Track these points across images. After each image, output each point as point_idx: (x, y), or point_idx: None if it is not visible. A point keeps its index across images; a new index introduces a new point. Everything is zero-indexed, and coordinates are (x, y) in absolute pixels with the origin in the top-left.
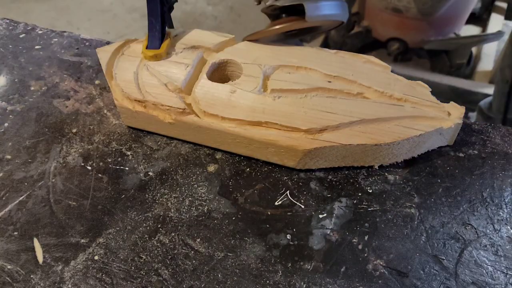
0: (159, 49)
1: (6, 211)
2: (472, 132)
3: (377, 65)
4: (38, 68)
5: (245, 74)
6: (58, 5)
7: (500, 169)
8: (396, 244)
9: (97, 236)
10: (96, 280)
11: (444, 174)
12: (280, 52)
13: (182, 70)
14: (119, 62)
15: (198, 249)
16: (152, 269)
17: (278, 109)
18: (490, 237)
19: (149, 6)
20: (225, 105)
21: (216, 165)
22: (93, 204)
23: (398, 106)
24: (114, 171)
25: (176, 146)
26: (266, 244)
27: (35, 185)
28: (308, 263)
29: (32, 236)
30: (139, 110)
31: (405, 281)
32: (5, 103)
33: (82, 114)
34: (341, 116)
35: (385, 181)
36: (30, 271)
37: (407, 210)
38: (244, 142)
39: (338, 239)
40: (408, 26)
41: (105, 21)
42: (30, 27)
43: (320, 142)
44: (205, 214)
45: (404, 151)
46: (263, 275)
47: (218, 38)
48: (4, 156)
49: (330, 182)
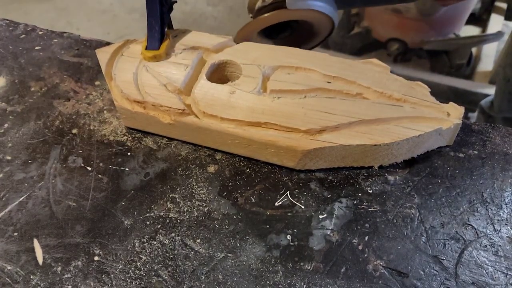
0: (158, 50)
1: (6, 212)
2: (472, 132)
3: (377, 65)
4: (38, 69)
5: (245, 75)
6: (58, 5)
7: (500, 170)
8: (396, 244)
9: (97, 237)
10: (96, 281)
11: (444, 174)
12: (280, 52)
13: (182, 71)
14: (118, 63)
15: (198, 249)
16: (152, 270)
17: (277, 110)
18: (490, 238)
19: (149, 6)
20: (224, 105)
21: (216, 165)
22: (93, 204)
23: (397, 106)
24: (114, 172)
25: (176, 147)
26: (266, 244)
27: (35, 186)
28: (308, 263)
29: (32, 237)
30: (139, 111)
31: (405, 281)
32: (5, 104)
33: (82, 115)
34: (341, 117)
35: (385, 181)
36: (30, 272)
37: (407, 211)
38: (244, 142)
39: (338, 240)
40: (408, 26)
41: (105, 21)
42: (30, 28)
43: (319, 143)
44: (205, 215)
45: (403, 152)
46: (263, 276)
47: (217, 39)
48: (4, 157)
49: (330, 182)
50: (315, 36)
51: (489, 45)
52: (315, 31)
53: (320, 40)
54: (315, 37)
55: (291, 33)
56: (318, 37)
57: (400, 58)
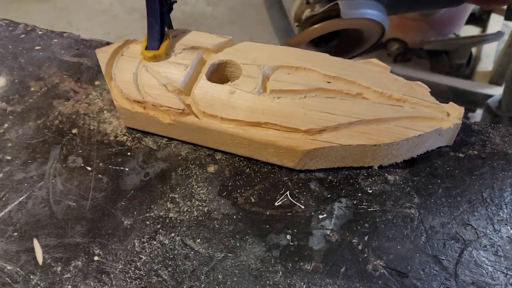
0: (158, 49)
1: (6, 212)
2: (472, 132)
3: (377, 65)
4: (38, 68)
5: (244, 75)
6: (58, 5)
7: (500, 170)
8: (396, 244)
9: (97, 236)
10: (96, 281)
11: (444, 174)
12: (280, 52)
13: (181, 70)
14: (118, 62)
15: (198, 249)
16: (152, 270)
17: (277, 110)
18: (490, 238)
19: (149, 6)
20: (224, 105)
21: (216, 165)
22: (93, 204)
23: (397, 106)
24: (114, 172)
25: (176, 147)
26: (266, 244)
27: (35, 186)
28: (308, 263)
29: (32, 236)
30: (138, 110)
31: (405, 281)
32: (5, 103)
33: (82, 114)
34: (341, 117)
35: (385, 181)
36: (29, 272)
37: (407, 211)
38: (244, 142)
39: (338, 240)
40: (408, 26)
41: (105, 21)
42: (30, 27)
43: (319, 143)
44: (205, 215)
45: (403, 152)
46: (263, 276)
47: (217, 39)
48: (4, 157)
49: (330, 182)
50: (363, 43)
51: (489, 45)
52: (364, 38)
53: (368, 46)
54: (363, 44)
55: (339, 41)
56: (367, 43)
57: (400, 58)
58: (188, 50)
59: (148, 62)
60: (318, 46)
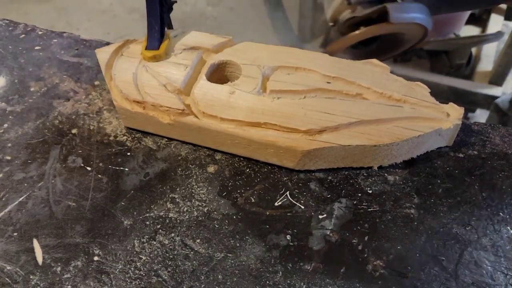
0: (158, 50)
1: (6, 212)
2: (472, 132)
3: (376, 65)
4: (37, 69)
5: (244, 75)
6: (58, 5)
7: (500, 170)
8: (396, 244)
9: (97, 237)
10: (95, 281)
11: (444, 174)
12: (279, 53)
13: (181, 71)
14: (118, 63)
15: (197, 249)
16: (152, 270)
17: (277, 110)
18: (490, 238)
19: (149, 6)
20: (224, 106)
21: (215, 165)
22: (93, 205)
23: (397, 107)
24: (114, 172)
25: (176, 147)
26: (266, 244)
27: (35, 186)
28: (308, 263)
29: (32, 237)
30: (138, 111)
31: (405, 281)
32: (5, 104)
33: (81, 115)
34: (340, 117)
35: (385, 181)
36: (29, 272)
37: (406, 211)
38: (243, 143)
39: (338, 240)
40: None
41: (104, 21)
42: (30, 28)
43: (319, 143)
44: (205, 215)
45: (403, 152)
46: (263, 276)
47: (217, 39)
48: (4, 157)
49: (330, 182)
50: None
51: (489, 45)
52: (405, 40)
53: (406, 48)
54: (402, 46)
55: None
56: (405, 45)
57: (400, 58)
58: (188, 50)
59: (148, 62)
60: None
